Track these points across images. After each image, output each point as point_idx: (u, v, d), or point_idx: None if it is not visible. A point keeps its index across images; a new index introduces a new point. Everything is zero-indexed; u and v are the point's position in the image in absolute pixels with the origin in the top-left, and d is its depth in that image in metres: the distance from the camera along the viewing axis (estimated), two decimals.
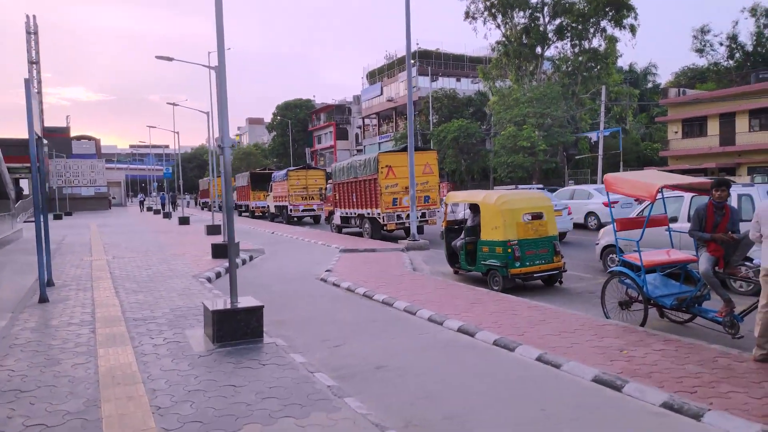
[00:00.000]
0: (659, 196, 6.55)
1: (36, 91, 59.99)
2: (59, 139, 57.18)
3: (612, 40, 42.78)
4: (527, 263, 9.43)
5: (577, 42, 43.65)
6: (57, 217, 35.65)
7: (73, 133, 66.39)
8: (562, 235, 16.53)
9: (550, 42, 44.40)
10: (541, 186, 28.90)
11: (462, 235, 10.71)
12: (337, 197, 21.00)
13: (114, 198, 61.52)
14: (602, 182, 9.69)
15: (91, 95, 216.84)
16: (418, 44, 61.36)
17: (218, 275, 11.34)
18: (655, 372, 4.95)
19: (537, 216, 10.19)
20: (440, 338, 6.51)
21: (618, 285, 7.27)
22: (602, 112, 37.31)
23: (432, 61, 61.85)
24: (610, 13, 41.51)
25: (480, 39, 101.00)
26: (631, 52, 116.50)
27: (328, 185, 23.06)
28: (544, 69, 45.88)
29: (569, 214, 16.89)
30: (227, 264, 12.41)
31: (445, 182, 53.21)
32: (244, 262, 13.40)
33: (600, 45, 43.45)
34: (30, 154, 8.27)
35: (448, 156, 47.02)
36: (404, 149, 17.68)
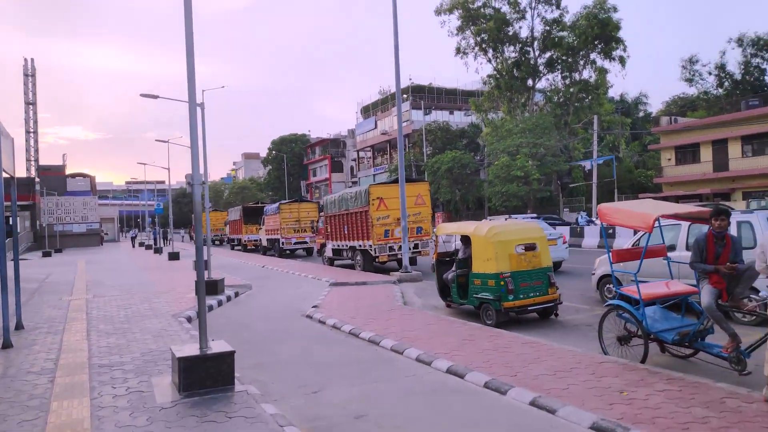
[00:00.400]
0: (657, 225, 6.21)
1: (32, 130, 60.22)
2: (54, 177, 57.08)
3: (602, 72, 43.21)
4: (521, 296, 9.02)
5: (567, 74, 44.09)
6: (46, 254, 35.08)
7: (69, 171, 66.47)
8: (558, 264, 16.16)
9: (541, 74, 44.83)
10: (535, 215, 28.65)
11: (453, 268, 10.32)
12: (329, 230, 20.63)
13: (107, 234, 60.93)
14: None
15: (88, 134, 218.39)
16: (411, 80, 62.03)
17: None
18: (658, 417, 4.52)
19: (530, 247, 9.81)
20: (427, 381, 6.06)
21: (616, 319, 6.86)
22: (595, 141, 37.41)
23: (425, 95, 62.39)
24: (599, 46, 42.02)
25: (471, 73, 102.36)
26: (621, 83, 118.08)
27: (320, 218, 22.71)
28: (536, 100, 46.23)
29: (564, 242, 16.53)
30: (211, 301, 12.00)
31: (441, 212, 53.08)
32: (229, 298, 12.93)
33: (590, 76, 43.90)
34: None
35: (442, 186, 46.95)
36: (395, 181, 17.43)
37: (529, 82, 44.88)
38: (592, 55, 42.71)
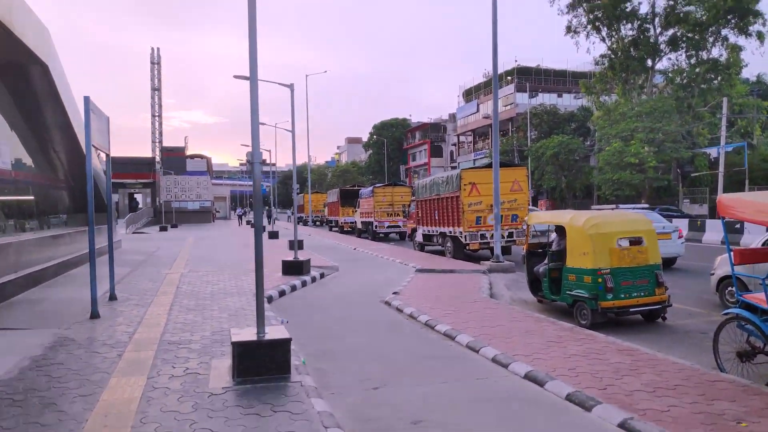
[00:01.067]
0: None
1: (157, 114, 65.15)
2: (175, 158, 61.78)
3: (735, 50, 38.46)
4: (622, 295, 7.98)
5: (693, 53, 39.73)
6: (162, 229, 37.78)
7: (190, 152, 71.71)
8: (672, 261, 14.53)
9: (662, 53, 40.81)
10: (647, 206, 26.24)
11: (546, 261, 9.42)
12: (420, 214, 20.14)
13: (219, 212, 64.83)
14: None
15: (208, 118, 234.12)
16: (516, 61, 59.60)
17: (282, 293, 10.85)
18: None
19: (635, 241, 8.71)
20: (501, 386, 5.40)
21: (736, 330, 5.75)
22: (723, 125, 33.54)
23: (531, 77, 59.65)
24: (733, 21, 37.40)
25: (582, 53, 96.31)
26: (759, 62, 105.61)
27: (411, 202, 22.26)
28: (655, 82, 42.31)
29: (680, 237, 14.79)
30: (295, 281, 11.99)
31: (545, 200, 50.69)
32: (313, 279, 12.87)
33: (721, 55, 39.22)
34: (86, 167, 8.18)
35: (547, 173, 44.70)
36: (490, 165, 16.50)
37: (648, 62, 41.09)
38: (724, 31, 38.12)
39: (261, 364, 5.13)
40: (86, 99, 8.27)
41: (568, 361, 5.93)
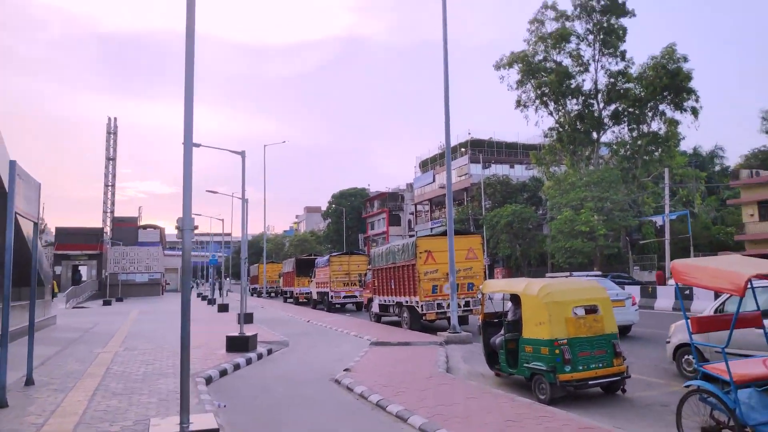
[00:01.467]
0: (749, 287, 4.91)
1: (110, 184, 63.76)
2: (127, 228, 60.05)
3: (672, 123, 40.97)
4: (580, 367, 7.65)
5: (635, 126, 42.12)
6: (106, 303, 35.87)
7: (145, 222, 70.12)
8: (626, 329, 14.41)
9: (606, 127, 43.08)
10: (599, 273, 26.59)
11: (502, 331, 9.06)
12: (376, 284, 19.68)
13: (169, 284, 62.47)
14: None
15: (165, 188, 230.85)
16: (470, 134, 61.68)
17: (223, 373, 10.04)
18: None
19: (591, 309, 8.50)
20: None
21: (699, 404, 5.45)
22: (667, 194, 35.01)
23: (485, 149, 61.69)
24: (669, 97, 40.03)
25: (532, 127, 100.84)
26: (694, 135, 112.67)
27: (367, 271, 21.82)
28: (600, 154, 44.27)
29: (633, 304, 14.77)
30: (239, 359, 11.19)
31: (501, 268, 51.04)
32: (260, 356, 12.07)
33: (660, 128, 41.70)
34: (6, 238, 7.51)
35: (501, 241, 45.26)
36: (445, 233, 16.38)
37: (594, 135, 43.17)
38: (661, 107, 40.69)
39: None
40: (12, 163, 7.74)
41: None
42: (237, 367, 10.75)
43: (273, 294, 46.37)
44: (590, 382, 7.69)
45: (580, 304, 8.30)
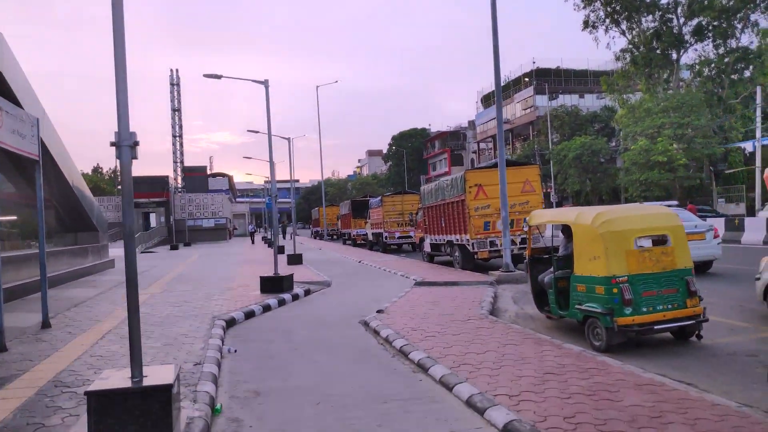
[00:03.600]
0: None
1: (177, 135, 65.31)
2: (197, 177, 61.82)
3: (767, 35, 36.17)
4: (644, 309, 6.36)
5: (721, 41, 37.45)
6: (173, 248, 36.99)
7: (217, 171, 72.21)
8: (707, 264, 12.70)
9: (688, 45, 38.57)
10: (675, 203, 24.19)
11: (552, 268, 7.83)
12: (427, 222, 18.62)
13: (236, 229, 64.19)
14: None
15: (235, 138, 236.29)
16: (535, 63, 57.77)
17: (249, 315, 9.45)
18: None
19: (659, 240, 7.11)
20: None
21: None
22: (758, 117, 31.18)
23: (551, 79, 57.72)
24: (763, 4, 35.12)
25: (602, 50, 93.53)
26: None
27: (419, 210, 20.75)
28: (681, 77, 39.99)
29: (716, 237, 12.95)
30: (271, 300, 10.59)
31: (569, 204, 48.46)
32: (295, 297, 11.45)
33: (751, 42, 36.95)
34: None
35: (570, 176, 42.65)
36: (497, 165, 14.92)
37: (673, 54, 38.91)
38: (754, 16, 35.86)
39: (130, 423, 3.71)
40: None
41: (567, 403, 4.36)
42: (267, 308, 10.15)
43: (335, 236, 46.44)
44: (656, 327, 6.39)
45: (645, 234, 6.90)
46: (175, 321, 8.56)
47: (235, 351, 6.95)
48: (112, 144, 3.93)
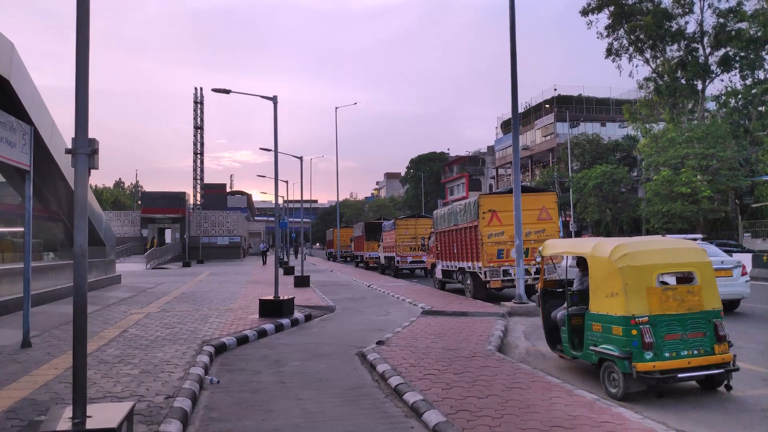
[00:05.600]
0: None
1: (199, 152, 65.87)
2: (216, 195, 62.16)
3: None
4: (666, 354, 5.72)
5: (748, 72, 36.66)
6: (186, 265, 36.77)
7: (236, 189, 72.67)
8: (734, 303, 11.93)
9: (713, 75, 37.81)
10: (699, 236, 23.35)
11: (565, 304, 7.21)
12: (439, 248, 18.04)
13: (251, 247, 64.08)
14: None
15: (256, 157, 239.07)
16: (556, 90, 57.35)
17: (243, 341, 8.95)
18: None
19: (684, 278, 6.49)
20: None
21: None
22: None
23: (573, 106, 57.19)
24: None
25: (625, 79, 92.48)
26: None
27: (431, 234, 20.19)
28: (706, 108, 39.14)
29: (744, 274, 12.17)
30: (268, 325, 10.08)
31: (588, 234, 47.39)
32: (295, 322, 10.92)
33: None
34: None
35: (590, 205, 41.74)
36: (512, 191, 14.36)
37: (698, 84, 38.15)
38: None
39: None
40: None
41: None
42: (263, 334, 9.64)
43: (348, 258, 45.92)
44: (680, 375, 5.73)
45: (670, 270, 6.29)
46: (162, 345, 8.09)
47: (218, 382, 6.44)
48: (68, 151, 3.51)
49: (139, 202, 66.64)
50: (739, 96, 37.00)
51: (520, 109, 63.53)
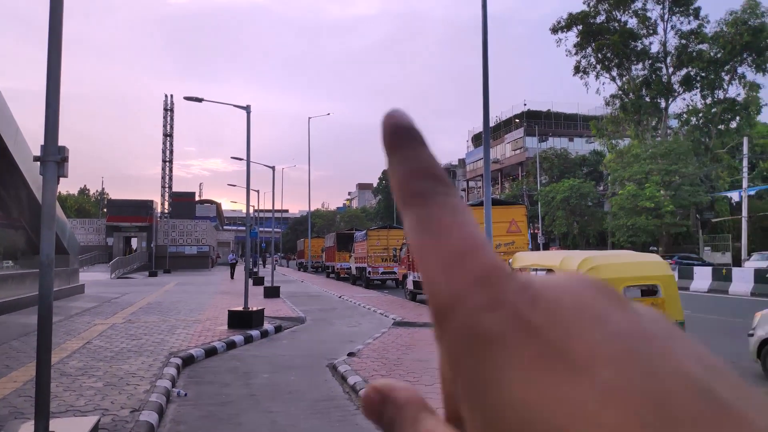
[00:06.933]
0: None
1: (167, 160, 64.98)
2: (185, 203, 60.96)
3: (754, 88, 36.82)
4: None
5: (708, 92, 38.10)
6: (152, 274, 36.02)
7: (205, 198, 71.55)
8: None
9: (676, 94, 39.18)
10: (656, 249, 23.96)
11: None
12: (410, 258, 18.10)
13: (219, 257, 63.18)
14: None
15: (226, 166, 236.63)
16: (526, 105, 58.44)
17: (211, 352, 8.80)
18: None
19: (648, 290, 6.65)
20: None
21: None
22: (745, 167, 31.43)
23: (542, 121, 58.32)
24: (750, 58, 35.86)
25: (592, 96, 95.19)
26: None
27: (402, 245, 20.25)
28: (669, 125, 40.47)
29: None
30: (237, 337, 9.94)
31: (556, 246, 48.22)
32: (265, 334, 10.80)
33: (738, 94, 37.58)
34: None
35: (558, 218, 42.54)
36: (482, 203, 14.54)
37: (661, 102, 39.44)
38: (741, 69, 36.58)
39: None
40: None
41: None
42: (232, 345, 9.50)
43: (319, 269, 45.65)
44: None
45: (636, 283, 6.45)
46: (128, 357, 7.90)
47: (185, 395, 6.32)
48: (36, 158, 3.44)
49: (105, 210, 65.24)
50: (700, 114, 38.36)
51: (491, 123, 64.67)
